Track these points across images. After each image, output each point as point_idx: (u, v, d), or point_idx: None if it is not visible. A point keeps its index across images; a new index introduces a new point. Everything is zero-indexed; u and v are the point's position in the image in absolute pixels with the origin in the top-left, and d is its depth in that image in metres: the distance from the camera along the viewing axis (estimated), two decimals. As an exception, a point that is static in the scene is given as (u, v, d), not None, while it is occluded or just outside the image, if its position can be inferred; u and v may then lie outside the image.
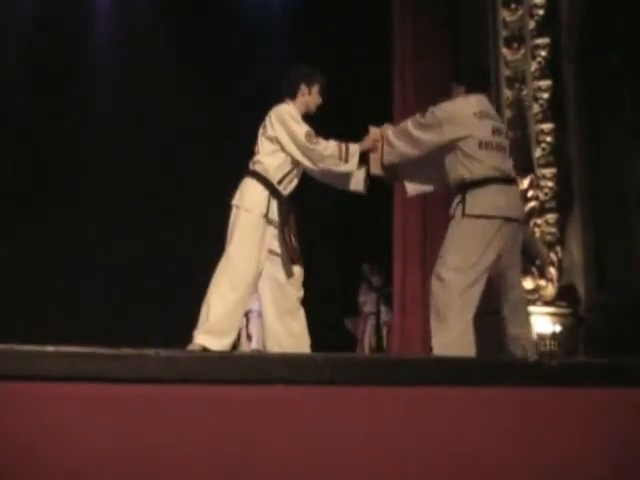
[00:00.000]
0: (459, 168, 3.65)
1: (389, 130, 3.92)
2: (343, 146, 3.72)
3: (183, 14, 9.42)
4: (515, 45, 7.99)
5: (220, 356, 1.96)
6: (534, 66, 7.89)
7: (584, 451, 2.11)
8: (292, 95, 3.84)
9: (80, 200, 9.09)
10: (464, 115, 3.68)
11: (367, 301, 9.31)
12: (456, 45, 8.54)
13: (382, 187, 4.31)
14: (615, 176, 7.44)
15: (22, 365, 1.77)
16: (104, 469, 1.74)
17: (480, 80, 4.09)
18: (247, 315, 8.64)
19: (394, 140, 3.85)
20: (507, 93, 7.91)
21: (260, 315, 9.26)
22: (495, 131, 3.72)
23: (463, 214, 3.58)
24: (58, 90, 9.10)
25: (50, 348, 1.84)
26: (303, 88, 3.83)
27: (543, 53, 7.89)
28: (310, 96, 3.86)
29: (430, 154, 3.79)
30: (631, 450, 2.13)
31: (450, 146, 3.69)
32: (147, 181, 9.08)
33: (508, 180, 3.70)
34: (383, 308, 9.13)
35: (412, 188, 4.06)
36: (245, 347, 8.39)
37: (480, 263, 3.58)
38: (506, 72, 8.00)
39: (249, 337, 8.57)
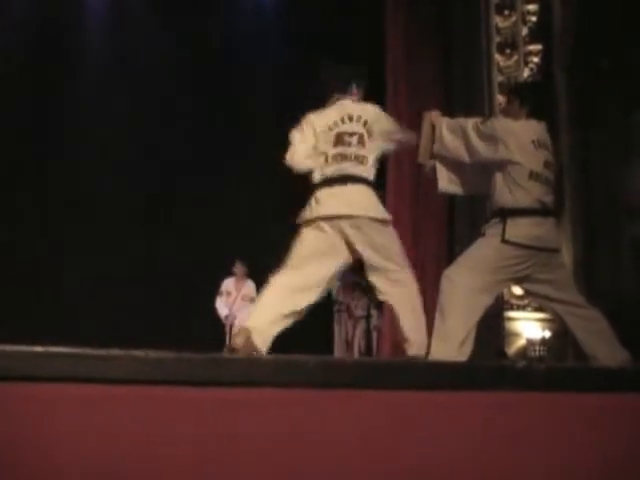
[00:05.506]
0: (505, 193, 3.62)
1: (443, 122, 3.80)
2: None
3: (182, 14, 9.43)
4: (508, 51, 8.03)
5: (210, 358, 1.95)
6: (526, 72, 7.93)
7: (573, 456, 2.11)
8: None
9: (80, 200, 9.07)
10: (523, 140, 3.61)
11: (358, 305, 9.30)
12: (448, 50, 8.58)
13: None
14: (605, 182, 7.48)
15: (9, 366, 1.75)
16: (90, 470, 1.73)
17: (541, 106, 3.89)
18: (235, 318, 8.64)
19: (446, 134, 3.75)
20: (500, 99, 7.94)
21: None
22: (547, 164, 3.67)
23: (502, 240, 3.57)
24: (57, 90, 9.10)
25: (38, 348, 1.82)
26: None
27: (535, 59, 7.93)
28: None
29: (478, 162, 3.73)
30: (620, 456, 2.14)
31: (500, 165, 3.63)
32: (146, 182, 9.07)
33: (547, 212, 3.69)
34: (374, 312, 9.12)
35: (445, 185, 3.94)
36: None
37: (496, 275, 3.58)
38: (499, 78, 8.04)
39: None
